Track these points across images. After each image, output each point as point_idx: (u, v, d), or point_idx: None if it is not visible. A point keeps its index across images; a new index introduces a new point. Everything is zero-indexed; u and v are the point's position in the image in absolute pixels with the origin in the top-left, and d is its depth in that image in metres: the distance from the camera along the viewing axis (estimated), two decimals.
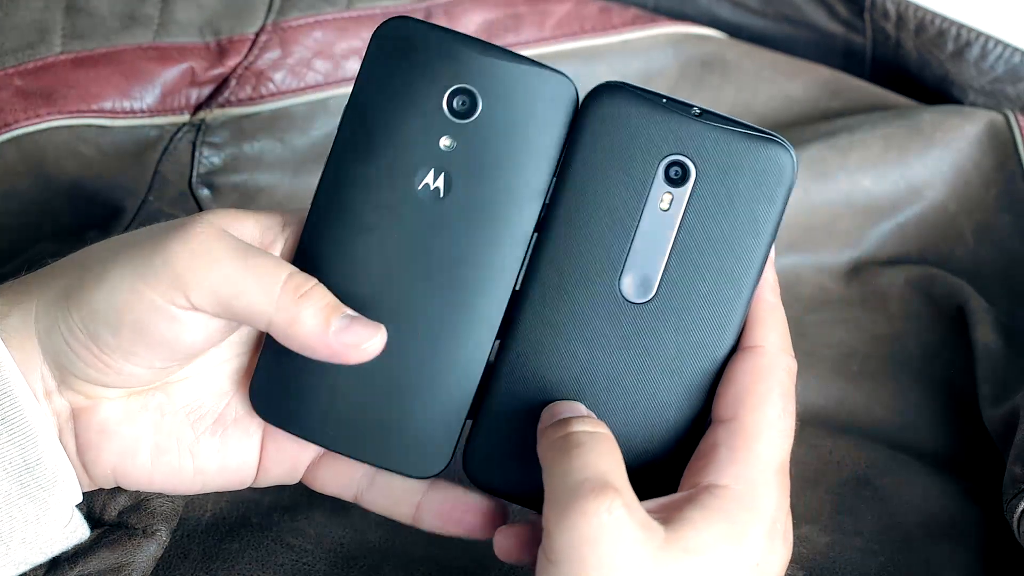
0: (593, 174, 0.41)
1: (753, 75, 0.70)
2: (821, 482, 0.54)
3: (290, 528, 0.50)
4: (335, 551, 0.49)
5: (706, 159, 0.41)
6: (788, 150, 0.41)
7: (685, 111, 0.41)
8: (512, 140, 0.41)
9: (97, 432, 0.42)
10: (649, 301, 0.42)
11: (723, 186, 0.41)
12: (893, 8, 0.70)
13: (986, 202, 0.65)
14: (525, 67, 0.41)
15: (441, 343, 0.42)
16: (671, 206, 0.41)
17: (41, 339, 0.42)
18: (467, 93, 0.41)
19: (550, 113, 0.41)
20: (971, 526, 0.53)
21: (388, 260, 0.41)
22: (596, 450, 0.39)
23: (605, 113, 0.41)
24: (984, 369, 0.57)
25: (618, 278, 0.42)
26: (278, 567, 0.49)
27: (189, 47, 0.64)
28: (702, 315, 0.41)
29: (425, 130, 0.41)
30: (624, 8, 0.72)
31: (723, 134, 0.41)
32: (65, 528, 0.43)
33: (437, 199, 0.41)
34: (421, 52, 0.41)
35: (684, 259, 0.41)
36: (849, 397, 0.58)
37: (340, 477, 0.44)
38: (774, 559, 0.40)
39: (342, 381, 0.42)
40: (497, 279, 0.42)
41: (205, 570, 0.48)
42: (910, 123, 0.65)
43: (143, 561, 0.46)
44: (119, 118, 0.62)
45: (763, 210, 0.41)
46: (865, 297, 0.63)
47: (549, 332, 0.42)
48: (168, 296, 0.40)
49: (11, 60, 0.61)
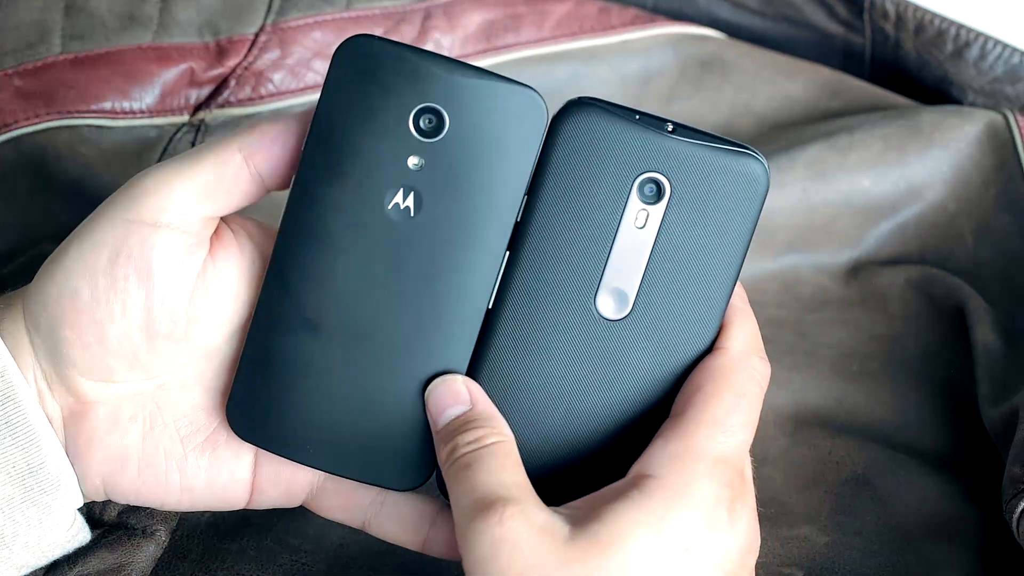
0: (566, 192, 0.41)
1: (753, 75, 0.70)
2: (820, 482, 0.54)
3: (289, 528, 0.50)
4: (334, 551, 0.49)
5: (681, 175, 0.41)
6: (761, 162, 0.41)
7: (658, 127, 0.41)
8: (481, 157, 0.40)
9: (86, 441, 0.42)
10: (625, 318, 0.41)
11: (698, 202, 0.41)
12: (892, 8, 0.70)
13: (986, 202, 0.65)
14: (491, 83, 0.40)
15: (415, 357, 0.42)
16: (646, 223, 0.41)
17: (31, 337, 0.42)
18: (433, 112, 0.40)
19: (519, 129, 0.40)
20: (971, 526, 0.53)
21: (360, 280, 0.41)
22: (483, 468, 0.39)
23: (577, 130, 0.41)
24: (984, 369, 0.57)
25: (593, 296, 0.41)
26: (277, 567, 0.49)
27: (188, 47, 0.64)
28: (678, 331, 0.41)
29: (393, 150, 0.40)
30: (623, 8, 0.72)
31: (697, 150, 0.41)
32: (67, 531, 0.43)
33: (408, 218, 0.41)
34: (385, 71, 0.40)
35: (660, 276, 0.41)
36: (849, 397, 0.58)
37: (346, 504, 0.44)
38: (717, 546, 0.39)
39: (319, 398, 0.42)
40: (470, 296, 0.41)
41: (204, 570, 0.48)
42: (909, 123, 0.65)
43: (142, 561, 0.46)
44: (119, 118, 0.62)
45: (738, 224, 0.41)
46: (865, 297, 0.63)
47: (524, 351, 0.42)
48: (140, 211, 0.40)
49: (11, 60, 0.61)
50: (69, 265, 0.41)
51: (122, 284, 0.41)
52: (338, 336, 0.42)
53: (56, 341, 0.41)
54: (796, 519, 0.53)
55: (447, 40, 0.68)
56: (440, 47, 0.68)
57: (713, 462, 0.39)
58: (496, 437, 0.40)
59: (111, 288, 0.41)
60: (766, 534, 0.52)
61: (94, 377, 0.42)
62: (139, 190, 0.41)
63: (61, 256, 0.41)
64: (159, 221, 0.41)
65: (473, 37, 0.69)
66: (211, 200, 0.41)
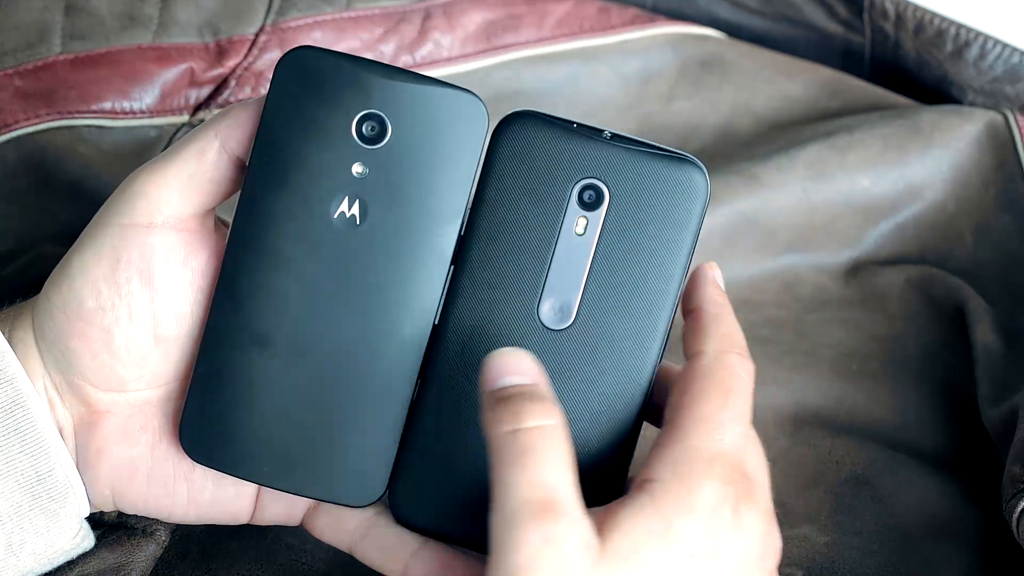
0: (507, 202, 0.41)
1: (752, 75, 0.70)
2: (820, 482, 0.54)
3: (289, 528, 0.50)
4: (334, 551, 0.49)
5: (619, 181, 0.41)
6: (700, 169, 0.41)
7: (596, 135, 0.41)
8: (425, 163, 0.41)
9: (96, 451, 0.42)
10: (569, 327, 0.41)
11: (637, 207, 0.41)
12: (892, 8, 0.70)
13: (985, 202, 0.65)
14: (432, 88, 0.40)
15: (365, 370, 0.41)
16: (586, 230, 0.41)
17: (40, 348, 0.42)
18: (375, 118, 0.40)
19: (461, 133, 0.40)
20: (970, 526, 0.53)
21: (308, 290, 0.41)
22: (544, 459, 0.37)
23: (516, 141, 0.41)
24: (983, 369, 0.57)
25: (536, 306, 0.41)
26: (277, 567, 0.49)
27: (188, 47, 0.64)
28: (623, 337, 0.41)
29: (336, 158, 0.40)
30: (623, 8, 0.72)
31: (635, 156, 0.41)
32: (73, 539, 0.43)
33: (353, 226, 0.41)
34: (327, 80, 0.40)
35: (602, 283, 0.41)
36: (848, 397, 0.58)
37: (334, 527, 0.44)
38: (722, 550, 0.38)
39: (271, 417, 0.42)
40: (418, 302, 0.41)
41: (204, 570, 0.48)
42: (909, 123, 0.66)
43: (142, 561, 0.46)
44: (119, 119, 0.62)
45: (678, 229, 0.41)
46: (864, 297, 0.63)
47: (470, 364, 0.41)
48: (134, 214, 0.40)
49: (11, 60, 0.61)
50: (72, 275, 0.41)
51: (126, 289, 0.41)
52: (288, 351, 0.41)
53: (64, 351, 0.41)
54: (796, 519, 0.53)
55: (447, 40, 0.68)
56: (440, 47, 0.68)
57: (709, 461, 0.39)
58: (557, 419, 0.38)
59: (115, 294, 0.41)
60: None
61: (103, 386, 0.42)
62: (129, 193, 0.41)
63: (64, 267, 0.41)
64: (154, 222, 0.41)
65: (473, 37, 0.69)
66: (199, 192, 0.41)
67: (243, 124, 0.41)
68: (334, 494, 0.42)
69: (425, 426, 0.42)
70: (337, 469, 0.42)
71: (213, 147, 0.41)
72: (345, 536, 0.43)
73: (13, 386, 0.41)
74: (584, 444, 0.41)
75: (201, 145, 0.41)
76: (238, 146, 0.41)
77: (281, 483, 0.42)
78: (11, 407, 0.41)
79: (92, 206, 0.61)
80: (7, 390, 0.41)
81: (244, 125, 0.41)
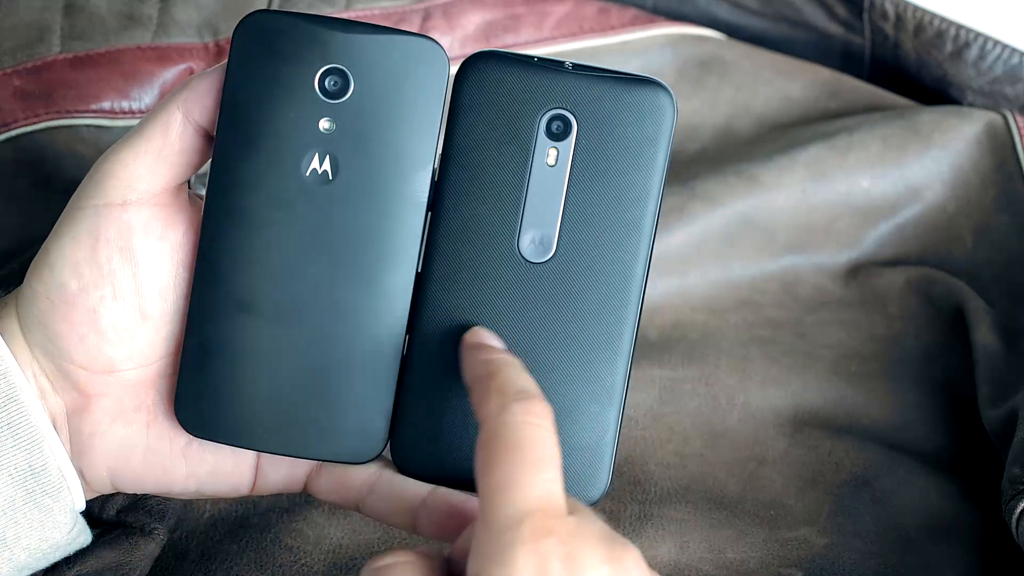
0: (476, 142, 0.41)
1: (752, 75, 0.70)
2: (819, 483, 0.54)
3: (288, 529, 0.50)
4: (333, 552, 0.49)
5: (585, 109, 0.41)
6: (665, 88, 0.41)
7: (558, 67, 0.41)
8: (390, 112, 0.41)
9: (90, 434, 0.42)
10: (550, 259, 0.42)
11: (605, 134, 0.41)
12: (892, 9, 0.70)
13: (985, 203, 0.65)
14: (390, 37, 0.41)
15: (353, 326, 0.42)
16: (557, 161, 0.41)
17: (27, 337, 0.42)
18: (337, 72, 0.41)
19: (422, 78, 0.41)
20: (970, 527, 0.53)
21: (288, 251, 0.41)
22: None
23: (479, 80, 0.41)
24: (983, 370, 0.57)
25: (516, 241, 0.42)
26: (276, 568, 0.49)
27: (188, 47, 0.64)
28: (606, 263, 0.42)
29: (302, 115, 0.41)
30: (623, 9, 0.72)
31: (598, 82, 0.41)
32: (69, 534, 0.43)
33: (326, 182, 0.41)
34: (285, 39, 0.40)
35: (579, 211, 0.41)
36: (848, 398, 0.58)
37: (339, 487, 0.44)
38: None
39: (264, 382, 0.42)
40: (399, 252, 0.41)
41: (203, 570, 0.48)
42: (909, 124, 0.66)
43: (141, 560, 0.46)
44: (118, 118, 0.62)
45: (648, 150, 0.41)
46: (864, 298, 0.63)
47: (456, 308, 0.42)
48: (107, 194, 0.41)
49: (10, 60, 0.61)
50: (52, 261, 0.41)
51: (107, 268, 0.41)
52: (274, 314, 0.41)
53: (52, 337, 0.41)
54: (795, 520, 0.53)
55: (446, 40, 0.68)
56: None
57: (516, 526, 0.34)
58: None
59: (98, 274, 0.41)
60: (765, 535, 0.52)
61: (94, 368, 0.42)
62: (100, 175, 0.41)
63: (44, 254, 0.42)
64: (128, 199, 0.41)
65: (472, 38, 0.69)
66: (168, 165, 0.41)
67: (205, 93, 0.41)
68: (335, 453, 0.42)
69: (419, 375, 0.42)
70: (336, 428, 0.42)
71: (177, 119, 0.41)
72: (351, 494, 0.44)
73: (6, 379, 0.41)
74: (571, 379, 0.42)
75: (165, 119, 0.41)
76: (202, 116, 0.41)
77: (281, 448, 0.42)
78: (4, 401, 0.41)
79: None
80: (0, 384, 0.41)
81: (206, 94, 0.41)
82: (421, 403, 0.42)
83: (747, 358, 0.59)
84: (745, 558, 0.51)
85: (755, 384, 0.58)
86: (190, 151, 0.42)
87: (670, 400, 0.57)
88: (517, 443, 0.36)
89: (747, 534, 0.52)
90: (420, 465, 0.43)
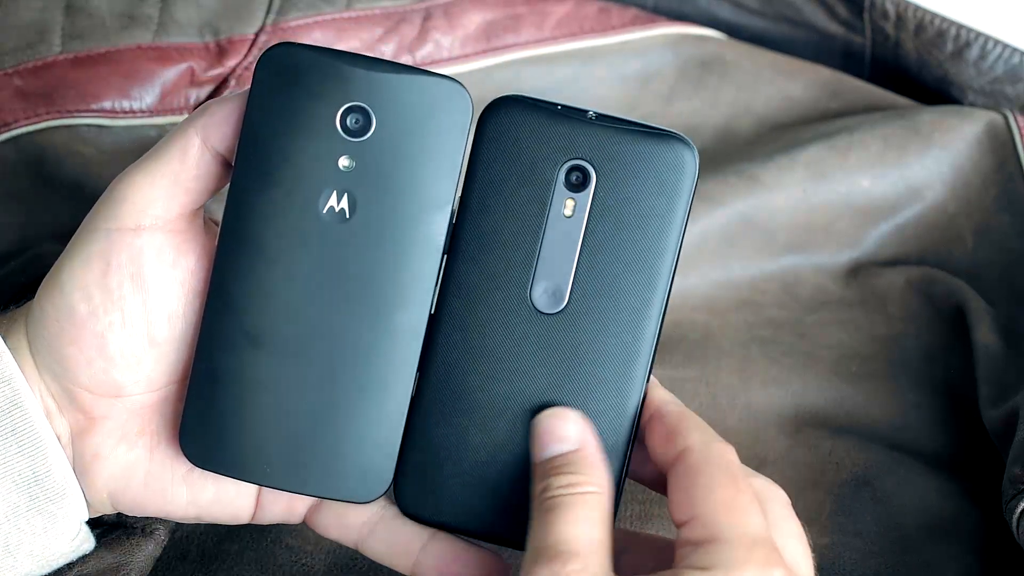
0: (495, 188, 0.41)
1: (752, 75, 0.70)
2: (820, 483, 0.54)
3: (289, 529, 0.50)
4: (334, 552, 0.49)
5: (605, 161, 0.41)
6: (688, 144, 0.41)
7: (580, 116, 0.41)
8: (410, 152, 0.40)
9: (92, 457, 0.42)
10: (562, 311, 0.41)
11: (625, 187, 0.41)
12: (892, 8, 0.70)
13: (985, 203, 0.65)
14: (414, 77, 0.40)
15: (364, 364, 0.41)
16: (575, 212, 0.41)
17: (35, 357, 0.42)
18: (359, 110, 0.40)
19: (445, 120, 0.40)
20: (971, 527, 0.53)
21: (301, 286, 0.41)
22: (564, 516, 0.38)
23: (501, 125, 0.41)
24: (984, 370, 0.57)
25: (529, 290, 0.41)
26: (277, 568, 0.49)
27: (188, 47, 0.64)
28: (617, 319, 0.41)
29: (322, 152, 0.40)
30: (623, 8, 0.72)
31: (620, 135, 0.40)
32: (72, 542, 0.43)
33: (343, 221, 0.41)
34: (309, 75, 0.40)
35: (593, 265, 0.41)
36: (848, 398, 0.58)
37: (339, 524, 0.43)
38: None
39: (271, 416, 0.41)
40: (413, 293, 0.41)
41: (204, 571, 0.48)
42: (909, 123, 0.66)
43: (141, 560, 0.46)
44: (118, 118, 0.62)
45: (667, 208, 0.41)
46: (864, 298, 0.63)
47: (467, 353, 0.41)
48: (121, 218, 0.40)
49: (10, 60, 0.61)
50: (63, 282, 0.41)
51: (117, 293, 0.41)
52: (284, 349, 0.41)
53: (59, 359, 0.41)
54: None
55: (447, 40, 0.68)
56: (440, 47, 0.68)
57: (749, 548, 0.37)
58: (591, 487, 0.39)
59: (107, 299, 0.40)
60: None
61: (100, 392, 0.42)
62: (115, 198, 0.41)
63: (55, 274, 0.41)
64: (141, 224, 0.41)
65: (473, 37, 0.69)
66: (184, 191, 0.41)
67: (224, 120, 0.41)
68: (338, 491, 0.42)
69: (427, 417, 0.42)
70: (340, 466, 0.42)
71: (195, 144, 0.41)
72: (351, 533, 0.43)
73: (11, 386, 0.41)
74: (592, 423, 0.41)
75: (182, 144, 0.41)
76: (220, 142, 0.41)
77: (283, 483, 0.42)
78: (9, 407, 0.40)
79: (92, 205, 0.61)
80: (4, 390, 0.40)
81: (225, 121, 0.41)
82: (427, 445, 0.42)
83: (747, 358, 0.59)
84: None
85: (756, 384, 0.58)
86: (207, 177, 0.41)
87: None
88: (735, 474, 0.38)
89: None
90: (423, 509, 0.42)
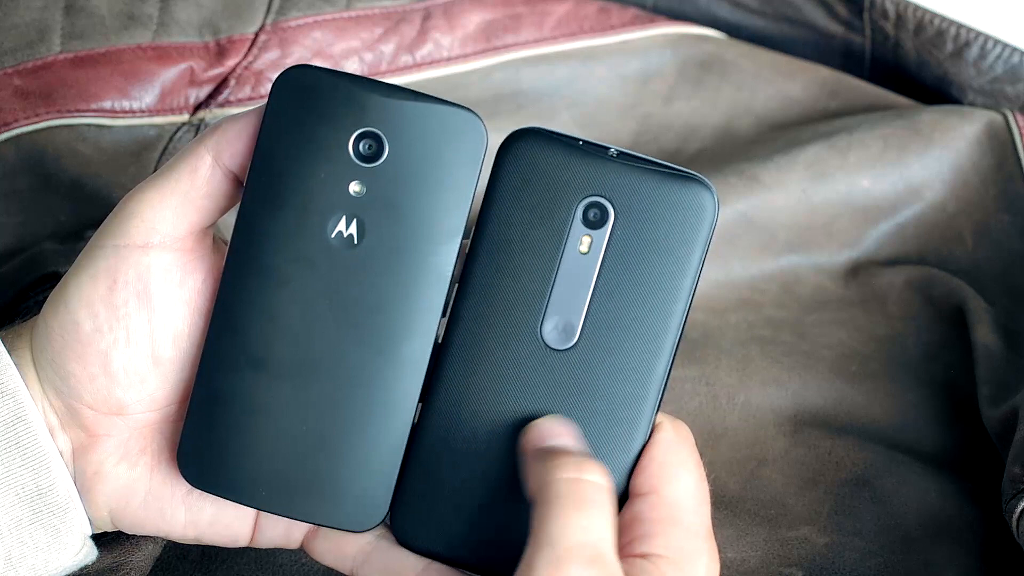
0: (511, 220, 0.40)
1: (752, 75, 0.70)
2: (820, 483, 0.54)
3: None
4: None
5: (624, 200, 0.40)
6: (708, 188, 0.40)
7: (602, 152, 0.40)
8: (422, 180, 0.40)
9: (93, 474, 0.42)
10: (572, 347, 0.41)
11: (643, 227, 0.40)
12: (892, 8, 0.70)
13: (985, 202, 0.65)
14: (429, 105, 0.40)
15: (366, 393, 0.41)
16: (591, 249, 0.40)
17: (39, 372, 0.41)
18: (372, 136, 0.40)
19: (458, 151, 0.40)
20: (970, 526, 0.53)
21: (307, 311, 0.41)
22: (602, 512, 0.37)
23: (521, 158, 0.40)
24: (984, 369, 0.57)
25: (539, 325, 0.41)
26: (277, 568, 0.49)
27: (188, 47, 0.64)
28: (627, 359, 0.41)
29: (333, 177, 0.40)
30: (623, 8, 0.72)
31: (641, 174, 0.40)
32: (76, 556, 0.42)
33: (351, 246, 0.40)
34: (323, 99, 0.40)
35: (606, 303, 0.40)
36: (848, 397, 0.58)
37: (334, 551, 0.43)
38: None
39: (270, 441, 0.41)
40: (418, 323, 0.41)
41: (203, 571, 0.48)
42: (909, 123, 0.66)
43: (141, 560, 0.46)
44: (118, 118, 0.62)
45: (684, 250, 0.40)
46: (864, 297, 0.63)
47: (472, 385, 0.41)
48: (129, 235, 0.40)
49: (10, 60, 0.61)
50: (69, 298, 0.41)
51: (123, 310, 0.40)
52: (287, 373, 0.41)
53: (63, 375, 0.41)
54: (796, 519, 0.53)
55: (446, 40, 0.68)
56: (440, 47, 0.68)
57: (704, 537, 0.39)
58: (607, 479, 0.38)
59: (112, 316, 0.40)
60: (766, 535, 0.52)
61: (102, 409, 0.41)
62: (124, 214, 0.41)
63: (61, 290, 0.41)
64: (150, 242, 0.40)
65: (473, 37, 0.69)
66: (194, 209, 0.41)
67: (236, 138, 0.40)
68: (335, 519, 0.42)
69: (427, 449, 0.41)
70: (338, 494, 0.41)
71: (206, 163, 0.41)
72: (346, 560, 0.43)
73: (15, 399, 0.40)
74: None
75: (194, 161, 0.41)
76: (231, 160, 0.41)
77: (279, 508, 0.42)
78: (13, 421, 0.40)
79: (92, 205, 0.62)
80: (8, 404, 0.40)
81: (237, 139, 0.40)
82: (427, 476, 0.42)
83: (747, 358, 0.59)
84: (745, 557, 0.51)
85: (755, 384, 0.58)
86: (217, 195, 0.41)
87: (670, 400, 0.57)
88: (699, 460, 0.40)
89: (747, 533, 0.52)
90: (419, 539, 0.42)
